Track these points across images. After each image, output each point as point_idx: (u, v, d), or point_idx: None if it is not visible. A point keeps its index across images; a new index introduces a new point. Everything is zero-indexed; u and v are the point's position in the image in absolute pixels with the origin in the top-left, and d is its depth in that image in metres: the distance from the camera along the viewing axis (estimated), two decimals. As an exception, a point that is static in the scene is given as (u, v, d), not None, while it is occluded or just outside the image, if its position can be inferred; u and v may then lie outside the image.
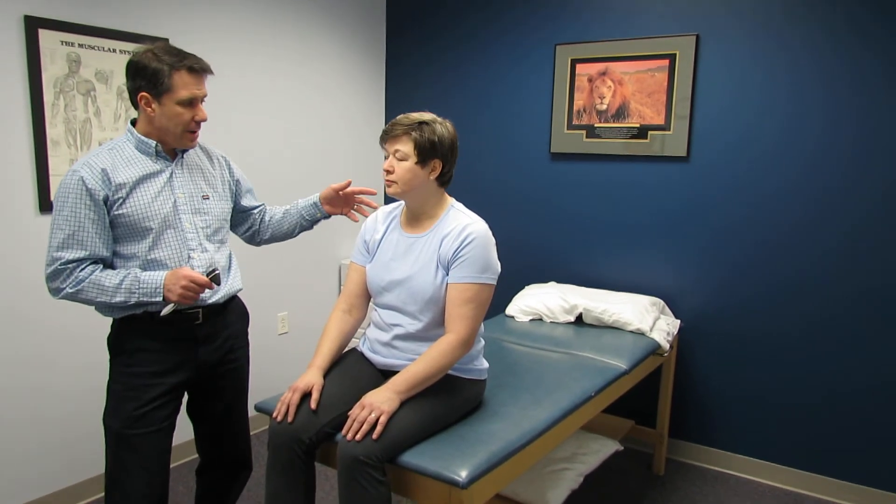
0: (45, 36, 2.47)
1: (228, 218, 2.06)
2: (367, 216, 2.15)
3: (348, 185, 2.16)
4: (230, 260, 2.04)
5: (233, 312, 2.04)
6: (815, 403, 2.96)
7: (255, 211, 2.21)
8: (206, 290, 1.83)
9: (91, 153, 1.79)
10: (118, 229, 1.79)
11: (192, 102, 1.79)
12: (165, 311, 1.79)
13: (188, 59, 1.77)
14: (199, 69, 1.79)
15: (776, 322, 3.01)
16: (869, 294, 2.81)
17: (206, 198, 1.94)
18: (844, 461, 2.93)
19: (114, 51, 2.68)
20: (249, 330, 2.15)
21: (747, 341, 3.09)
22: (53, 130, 2.54)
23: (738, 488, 3.05)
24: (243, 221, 2.21)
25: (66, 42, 2.53)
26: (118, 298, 1.76)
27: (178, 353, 1.89)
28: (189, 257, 1.87)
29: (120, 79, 2.70)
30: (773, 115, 2.92)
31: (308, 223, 2.23)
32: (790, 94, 2.88)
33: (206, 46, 3.01)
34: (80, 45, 2.58)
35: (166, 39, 2.83)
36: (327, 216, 2.20)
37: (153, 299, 1.77)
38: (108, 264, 1.82)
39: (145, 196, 1.80)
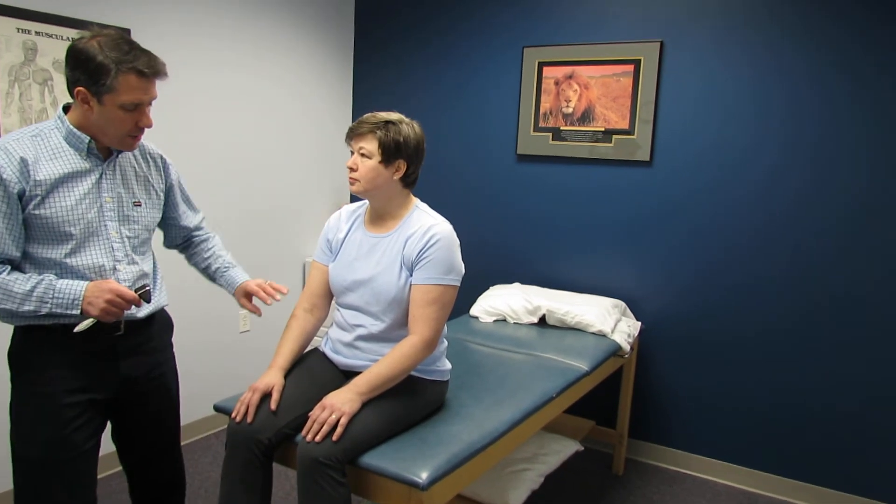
0: (0, 22, 2.39)
1: (155, 227, 1.86)
2: (268, 303, 1.97)
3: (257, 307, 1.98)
4: (156, 272, 1.85)
5: (157, 323, 1.84)
6: (770, 406, 3.03)
7: (193, 233, 2.01)
8: (133, 307, 1.64)
9: (9, 136, 1.56)
10: (32, 230, 1.57)
11: (137, 107, 1.58)
12: (81, 326, 1.56)
13: (138, 60, 1.54)
14: (149, 73, 1.56)
15: (735, 326, 3.07)
16: (827, 301, 2.88)
17: (137, 204, 1.73)
18: (799, 462, 3.01)
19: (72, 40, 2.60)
20: (210, 329, 2.09)
21: (707, 344, 3.15)
22: (7, 120, 2.46)
23: (694, 488, 3.11)
24: (177, 236, 1.99)
25: (22, 29, 2.46)
26: (27, 307, 1.53)
27: (95, 368, 1.67)
28: (115, 269, 1.67)
29: (78, 69, 2.63)
30: (735, 122, 2.98)
31: (214, 282, 2.05)
32: (753, 101, 2.94)
33: (167, 39, 2.96)
34: (37, 33, 2.51)
35: (127, 30, 2.77)
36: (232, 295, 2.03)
37: (69, 311, 1.55)
38: (16, 266, 1.58)
39: (68, 198, 1.58)
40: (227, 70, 3.29)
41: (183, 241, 2.03)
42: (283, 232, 3.61)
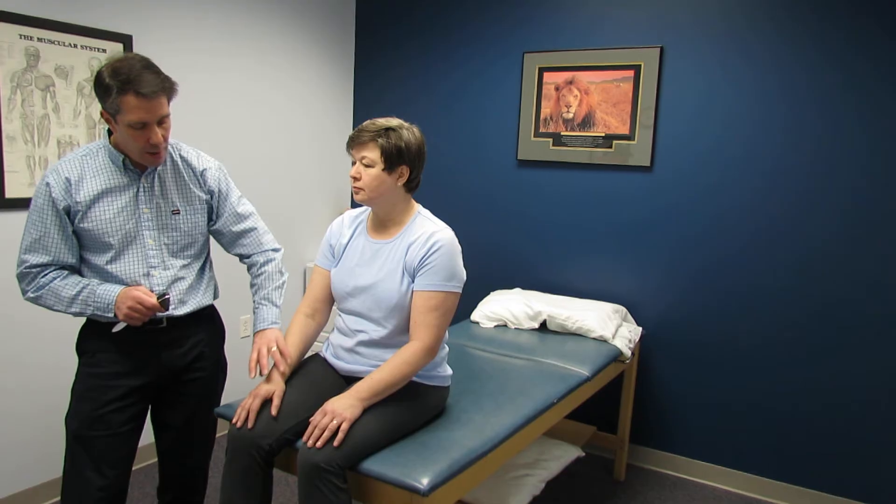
0: (2, 29, 2.40)
1: (204, 231, 1.97)
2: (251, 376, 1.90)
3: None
4: (202, 274, 1.96)
5: (202, 321, 1.97)
6: (771, 410, 3.03)
7: (245, 257, 2.07)
8: (157, 313, 1.77)
9: (65, 158, 1.77)
10: (82, 240, 1.79)
11: (146, 126, 1.67)
12: (117, 327, 1.78)
13: (139, 83, 1.61)
14: (147, 94, 1.62)
15: (736, 331, 3.07)
16: (827, 305, 2.88)
17: (175, 212, 1.87)
18: (799, 466, 3.00)
19: (74, 46, 2.61)
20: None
21: (707, 349, 3.15)
22: (9, 126, 2.46)
23: (696, 493, 3.10)
24: (225, 244, 2.06)
25: (24, 36, 2.47)
26: (73, 309, 1.76)
27: (139, 356, 1.85)
28: (149, 274, 1.83)
29: (80, 74, 2.64)
30: (735, 128, 2.99)
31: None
32: (753, 107, 2.94)
33: (168, 45, 2.97)
34: (40, 40, 2.51)
35: (129, 36, 2.78)
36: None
37: (105, 314, 1.76)
38: (77, 270, 1.81)
39: (107, 211, 1.77)
40: (228, 75, 3.30)
41: (234, 253, 2.07)
42: (283, 236, 3.61)
